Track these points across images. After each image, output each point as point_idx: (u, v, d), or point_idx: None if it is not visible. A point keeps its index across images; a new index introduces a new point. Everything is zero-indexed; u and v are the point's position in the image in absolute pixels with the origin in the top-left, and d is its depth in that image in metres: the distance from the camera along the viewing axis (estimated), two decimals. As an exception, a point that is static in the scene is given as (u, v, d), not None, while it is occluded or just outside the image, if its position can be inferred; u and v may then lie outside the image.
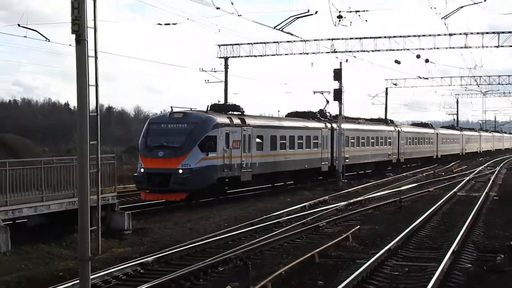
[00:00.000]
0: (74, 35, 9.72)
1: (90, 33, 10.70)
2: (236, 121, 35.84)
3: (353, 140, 54.25)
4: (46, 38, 46.69)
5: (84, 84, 9.89)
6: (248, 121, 37.69)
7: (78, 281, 10.84)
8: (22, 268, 17.69)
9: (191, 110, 34.51)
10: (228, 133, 34.11)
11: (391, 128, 65.42)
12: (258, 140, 38.12)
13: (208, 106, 37.43)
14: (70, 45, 23.86)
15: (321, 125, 48.78)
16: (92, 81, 11.39)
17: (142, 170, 32.18)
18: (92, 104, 11.54)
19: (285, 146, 41.54)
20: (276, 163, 40.70)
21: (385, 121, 67.82)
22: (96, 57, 15.82)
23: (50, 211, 21.11)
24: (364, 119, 63.51)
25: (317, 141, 46.70)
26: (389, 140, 62.86)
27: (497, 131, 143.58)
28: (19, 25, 37.25)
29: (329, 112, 54.74)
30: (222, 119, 34.19)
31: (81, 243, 10.10)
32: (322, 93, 53.58)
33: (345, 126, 50.23)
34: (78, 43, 9.75)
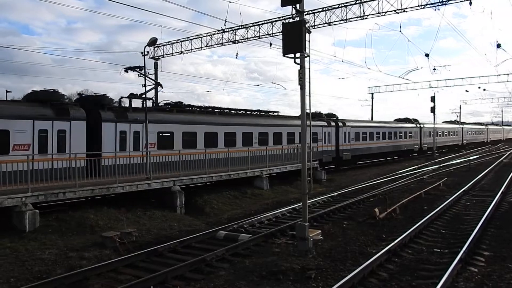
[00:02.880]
0: (299, 86, 9.89)
1: (306, 84, 11.00)
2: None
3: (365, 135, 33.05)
4: (284, 88, 55.22)
5: (304, 110, 10.13)
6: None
7: (301, 203, 10.89)
8: (273, 197, 18.60)
9: None
10: None
11: (413, 125, 42.96)
12: None
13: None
14: (295, 90, 24.19)
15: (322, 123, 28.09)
16: (307, 107, 11.78)
17: None
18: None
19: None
20: None
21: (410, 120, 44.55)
22: (309, 96, 17.80)
23: (287, 170, 21.83)
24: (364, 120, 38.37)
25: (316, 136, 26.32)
26: (410, 134, 40.92)
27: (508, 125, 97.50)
28: (272, 82, 42.56)
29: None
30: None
31: (303, 185, 10.20)
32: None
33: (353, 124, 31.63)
34: (301, 89, 9.94)
